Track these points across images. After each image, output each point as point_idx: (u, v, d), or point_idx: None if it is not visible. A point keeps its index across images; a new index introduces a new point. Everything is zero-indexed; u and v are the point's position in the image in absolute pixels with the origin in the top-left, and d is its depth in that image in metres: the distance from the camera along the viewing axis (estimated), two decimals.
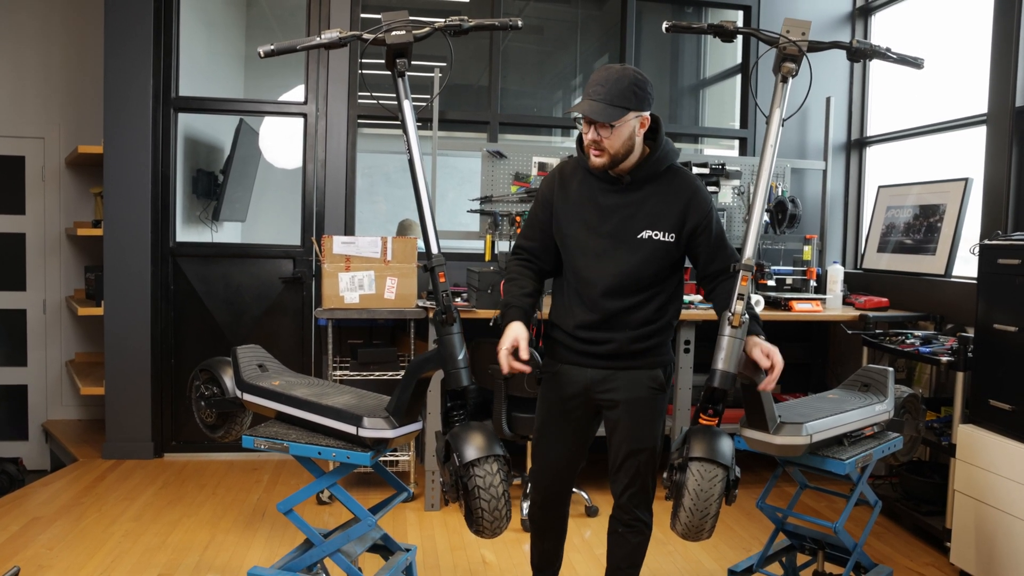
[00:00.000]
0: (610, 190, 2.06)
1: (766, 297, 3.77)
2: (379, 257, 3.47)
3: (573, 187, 2.10)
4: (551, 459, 2.22)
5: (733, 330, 1.94)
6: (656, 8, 4.62)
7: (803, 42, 2.03)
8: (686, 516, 1.84)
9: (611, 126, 1.92)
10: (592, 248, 2.06)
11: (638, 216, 2.04)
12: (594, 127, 1.95)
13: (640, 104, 1.94)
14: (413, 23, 2.04)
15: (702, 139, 4.98)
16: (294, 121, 4.23)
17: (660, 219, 2.04)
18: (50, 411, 4.79)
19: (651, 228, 2.03)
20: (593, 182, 2.08)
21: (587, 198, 2.08)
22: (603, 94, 1.92)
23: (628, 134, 1.96)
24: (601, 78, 1.94)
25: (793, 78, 2.07)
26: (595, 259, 2.06)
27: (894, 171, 4.31)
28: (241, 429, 2.45)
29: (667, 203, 2.04)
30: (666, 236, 2.03)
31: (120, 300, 3.95)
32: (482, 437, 1.92)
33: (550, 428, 2.20)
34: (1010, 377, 2.68)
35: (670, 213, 2.04)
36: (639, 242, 2.03)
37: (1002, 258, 2.73)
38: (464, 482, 1.89)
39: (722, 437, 1.89)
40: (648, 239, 2.03)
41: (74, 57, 4.65)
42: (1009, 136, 3.26)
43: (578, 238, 2.08)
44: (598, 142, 1.96)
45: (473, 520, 1.91)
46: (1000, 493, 2.67)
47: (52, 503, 3.38)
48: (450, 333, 2.01)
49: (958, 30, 3.84)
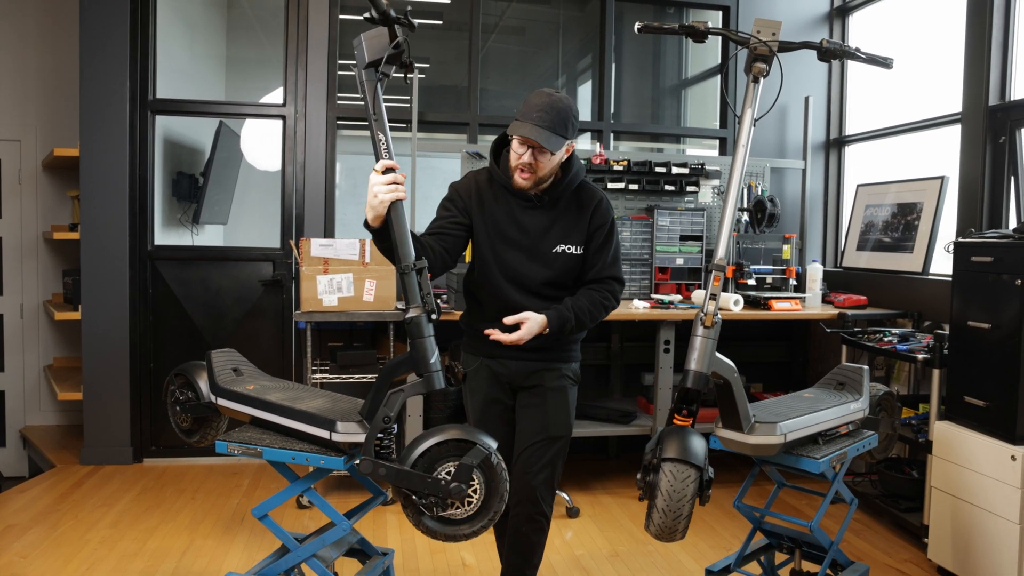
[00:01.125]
0: (527, 207, 2.17)
1: (746, 296, 3.78)
2: (358, 259, 3.46)
3: (490, 201, 2.17)
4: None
5: (706, 330, 1.95)
6: (637, 9, 4.63)
7: (773, 42, 2.04)
8: (659, 517, 1.84)
9: (550, 153, 2.02)
10: (509, 260, 2.16)
11: (552, 231, 2.16)
12: (531, 151, 2.03)
13: (573, 133, 2.08)
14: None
15: (683, 139, 5.00)
16: (274, 123, 4.21)
17: (571, 232, 2.17)
18: (28, 417, 4.74)
19: (563, 242, 2.17)
20: (511, 199, 2.17)
21: (505, 213, 2.17)
22: (548, 121, 2.00)
23: (558, 160, 2.08)
24: (543, 104, 2.01)
25: (765, 78, 2.07)
26: (512, 271, 2.16)
27: (872, 170, 4.34)
28: (217, 434, 2.43)
29: (577, 217, 2.18)
30: (576, 249, 2.17)
31: (98, 304, 3.91)
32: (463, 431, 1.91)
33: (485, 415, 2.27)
34: (984, 374, 2.70)
35: (580, 225, 2.18)
36: (553, 256, 2.16)
37: (975, 256, 2.75)
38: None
39: (695, 437, 1.90)
40: (561, 252, 2.17)
41: (49, 59, 4.61)
42: (983, 135, 3.29)
43: (495, 251, 2.17)
44: (532, 165, 2.05)
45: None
46: (975, 489, 2.69)
47: (27, 510, 3.34)
48: (422, 336, 2.00)
49: (934, 30, 3.87)
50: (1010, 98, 3.27)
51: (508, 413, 2.28)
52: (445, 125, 4.46)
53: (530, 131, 1.99)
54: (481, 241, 2.18)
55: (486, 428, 2.22)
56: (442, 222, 2.17)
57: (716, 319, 1.95)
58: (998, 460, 2.59)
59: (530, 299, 2.16)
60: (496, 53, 5.05)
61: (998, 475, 2.59)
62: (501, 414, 2.27)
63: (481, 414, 2.28)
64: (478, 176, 2.23)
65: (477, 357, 2.28)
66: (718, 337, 1.97)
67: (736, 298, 3.63)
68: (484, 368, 2.26)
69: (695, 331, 1.96)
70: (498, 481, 1.78)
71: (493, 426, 2.25)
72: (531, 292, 2.17)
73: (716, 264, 1.98)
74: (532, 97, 2.04)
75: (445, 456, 1.80)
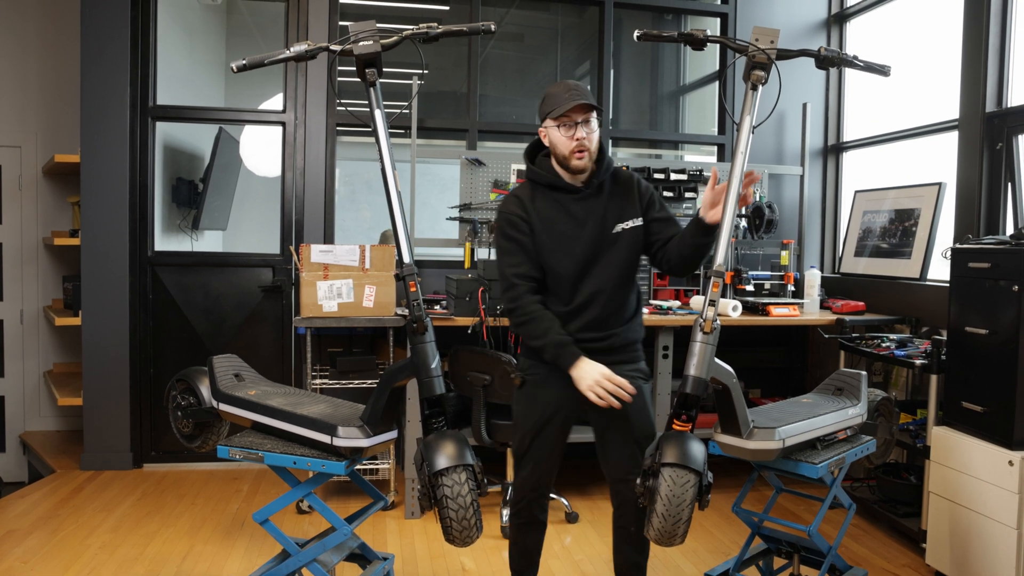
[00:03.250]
0: (576, 199, 2.21)
1: (744, 302, 3.80)
2: (357, 265, 3.47)
3: (542, 208, 2.21)
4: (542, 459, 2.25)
5: (705, 336, 1.96)
6: (635, 16, 4.65)
7: (772, 50, 2.06)
8: (659, 522, 1.85)
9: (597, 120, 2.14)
10: (578, 254, 2.18)
11: (608, 213, 2.22)
12: (578, 127, 2.11)
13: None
14: (381, 32, 2.04)
15: (682, 145, 5.02)
16: (274, 129, 4.22)
17: (625, 209, 2.23)
18: (28, 422, 4.74)
19: (621, 220, 2.22)
20: (560, 196, 2.22)
21: (559, 212, 2.21)
22: (583, 92, 2.12)
23: (599, 136, 2.18)
24: (570, 84, 2.16)
25: (763, 85, 2.09)
26: (582, 263, 2.19)
27: (870, 176, 4.36)
28: (218, 439, 2.44)
29: (624, 194, 2.25)
30: (635, 221, 2.23)
31: (98, 310, 3.92)
32: (453, 446, 1.93)
33: (543, 429, 2.23)
34: (981, 379, 2.71)
35: (630, 201, 2.24)
36: (615, 235, 2.21)
37: (973, 262, 2.77)
38: (434, 491, 1.89)
39: (694, 442, 1.91)
40: (623, 231, 2.21)
41: (50, 65, 4.62)
42: (980, 141, 3.31)
43: (563, 249, 2.19)
44: (582, 140, 2.11)
45: (443, 529, 1.92)
46: (973, 494, 2.70)
47: (28, 515, 3.34)
48: (423, 342, 2.02)
49: (931, 37, 3.89)
50: (1007, 105, 3.29)
51: (569, 423, 2.26)
52: (444, 131, 4.47)
53: (581, 97, 2.09)
54: (549, 248, 2.19)
55: (542, 440, 2.22)
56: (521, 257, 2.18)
57: (715, 325, 1.97)
58: (995, 465, 2.60)
59: (607, 284, 2.19)
60: (495, 59, 5.07)
61: (995, 480, 2.60)
62: (562, 424, 2.24)
63: (539, 425, 2.22)
64: (519, 193, 2.25)
65: (546, 364, 2.19)
66: (717, 343, 1.98)
67: (735, 304, 3.65)
68: (555, 375, 2.17)
69: (694, 337, 1.98)
70: None
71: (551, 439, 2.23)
72: (606, 277, 2.19)
73: (715, 270, 2.00)
74: (554, 87, 2.16)
75: None
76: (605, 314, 2.20)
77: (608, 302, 2.19)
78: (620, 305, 2.22)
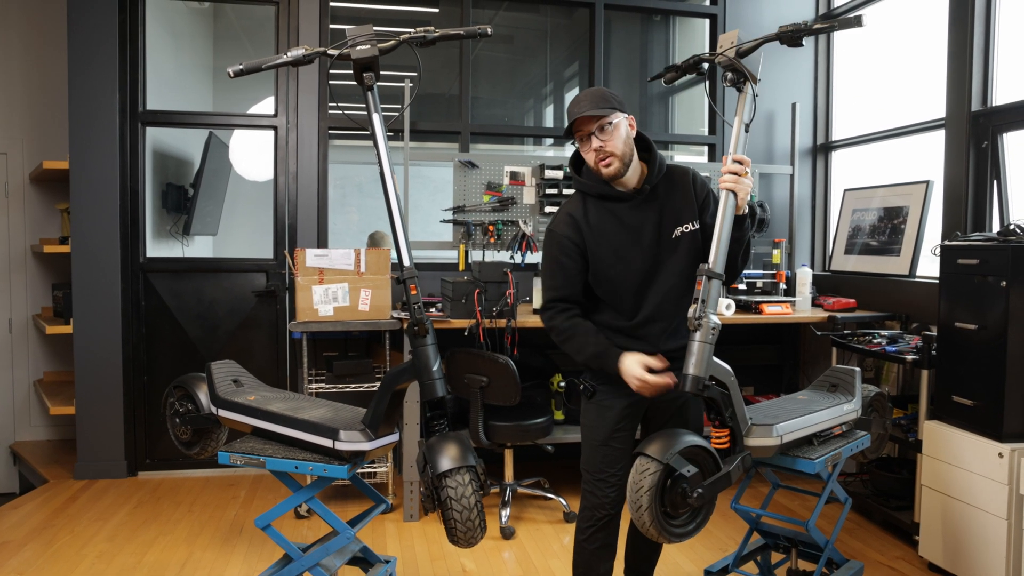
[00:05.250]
0: (631, 207, 2.12)
1: (737, 301, 3.83)
2: (352, 269, 3.47)
3: (596, 222, 2.12)
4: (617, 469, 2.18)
5: (703, 335, 1.97)
6: (624, 17, 4.68)
7: (731, 50, 2.10)
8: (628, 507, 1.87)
9: (609, 124, 2.02)
10: (638, 265, 2.11)
11: (664, 218, 2.12)
12: (592, 136, 2.03)
13: (621, 106, 2.06)
14: (379, 36, 2.05)
15: (672, 146, 5.05)
16: (264, 134, 4.21)
17: (682, 212, 2.13)
18: (18, 432, 4.70)
19: (678, 224, 2.12)
20: (611, 206, 2.12)
21: (613, 222, 2.12)
22: (587, 103, 2.03)
23: (624, 134, 2.06)
24: (578, 98, 2.07)
25: (754, 84, 2.12)
26: (642, 274, 2.11)
27: (859, 174, 4.41)
28: (217, 445, 2.43)
29: (679, 197, 2.14)
30: (693, 224, 2.13)
31: (89, 317, 3.90)
32: (456, 448, 1.94)
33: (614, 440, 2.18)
34: (971, 373, 2.76)
35: (686, 204, 2.13)
36: (674, 241, 2.12)
37: (961, 258, 2.81)
38: (438, 493, 1.90)
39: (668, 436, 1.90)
40: (681, 235, 2.12)
41: (36, 71, 4.59)
42: (966, 140, 3.36)
43: (621, 262, 2.11)
44: (601, 148, 2.03)
45: (447, 530, 1.93)
46: (964, 486, 2.74)
47: (22, 527, 3.31)
48: (424, 345, 2.03)
49: (917, 37, 3.94)
50: (992, 104, 3.34)
51: (634, 431, 2.22)
52: (437, 134, 4.48)
53: (581, 109, 2.02)
54: (607, 262, 2.11)
55: (611, 451, 2.17)
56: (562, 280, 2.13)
57: (714, 325, 1.96)
58: (986, 458, 2.65)
59: (672, 293, 2.12)
60: (484, 61, 5.09)
61: (986, 472, 2.64)
62: (629, 432, 2.20)
63: (609, 436, 2.18)
64: (571, 211, 2.15)
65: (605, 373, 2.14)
66: (715, 342, 2.00)
67: (728, 302, 3.68)
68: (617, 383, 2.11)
69: (692, 336, 1.99)
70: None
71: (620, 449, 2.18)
72: (670, 286, 2.11)
73: (709, 271, 2.00)
74: (571, 103, 2.09)
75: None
76: (675, 324, 2.14)
77: (676, 312, 2.12)
78: (683, 308, 2.10)
